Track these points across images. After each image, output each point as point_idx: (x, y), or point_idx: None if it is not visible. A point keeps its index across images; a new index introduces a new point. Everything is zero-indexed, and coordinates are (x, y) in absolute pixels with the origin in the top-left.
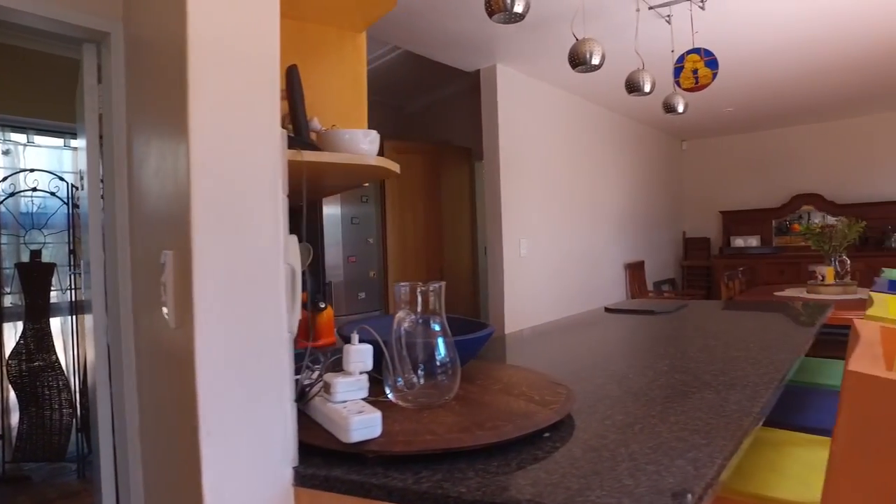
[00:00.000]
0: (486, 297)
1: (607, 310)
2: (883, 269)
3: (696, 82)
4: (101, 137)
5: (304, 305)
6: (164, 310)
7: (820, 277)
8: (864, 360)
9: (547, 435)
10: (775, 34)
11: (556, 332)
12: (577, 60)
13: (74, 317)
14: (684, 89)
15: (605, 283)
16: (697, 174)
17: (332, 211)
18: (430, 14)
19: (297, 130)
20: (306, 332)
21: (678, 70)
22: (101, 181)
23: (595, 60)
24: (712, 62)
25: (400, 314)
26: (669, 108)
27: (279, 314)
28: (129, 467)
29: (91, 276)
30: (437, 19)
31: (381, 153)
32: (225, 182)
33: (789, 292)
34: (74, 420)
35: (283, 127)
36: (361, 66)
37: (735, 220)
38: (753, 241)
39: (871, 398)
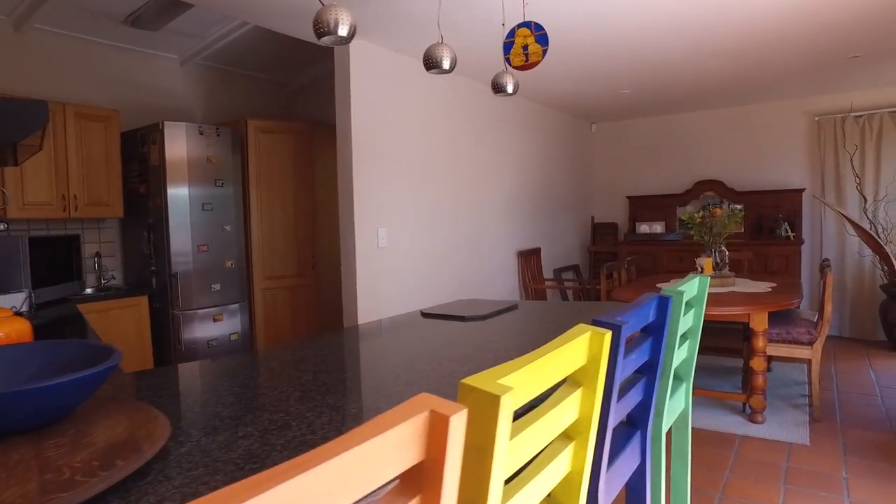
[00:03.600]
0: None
1: (423, 314)
2: (691, 274)
3: (527, 59)
4: None
5: None
6: None
7: (700, 269)
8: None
9: None
10: (646, 11)
11: (340, 342)
12: (322, 30)
13: None
14: (514, 67)
15: (492, 273)
16: (606, 158)
17: (178, 192)
18: None
19: None
20: None
21: (508, 46)
22: None
23: (342, 31)
24: (542, 37)
25: None
26: (498, 87)
27: None
28: None
29: None
30: None
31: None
32: None
33: (673, 283)
34: None
35: None
36: None
37: (641, 206)
38: (658, 228)
39: None
